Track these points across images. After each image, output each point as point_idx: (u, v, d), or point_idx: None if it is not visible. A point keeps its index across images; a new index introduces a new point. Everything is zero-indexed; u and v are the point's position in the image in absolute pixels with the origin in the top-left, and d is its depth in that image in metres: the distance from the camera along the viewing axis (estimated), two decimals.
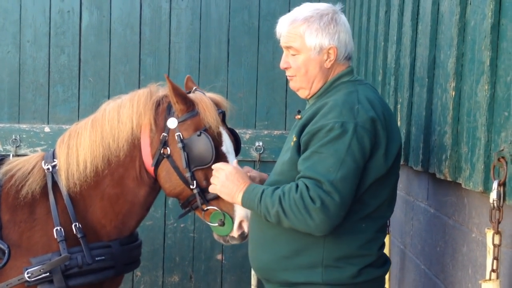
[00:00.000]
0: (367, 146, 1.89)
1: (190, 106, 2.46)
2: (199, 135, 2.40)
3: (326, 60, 2.04)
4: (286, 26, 2.06)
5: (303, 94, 2.12)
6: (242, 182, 2.03)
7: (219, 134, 2.49)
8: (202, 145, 2.40)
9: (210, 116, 2.45)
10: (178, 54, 4.54)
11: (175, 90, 2.43)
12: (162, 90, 2.58)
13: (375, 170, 1.94)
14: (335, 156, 1.86)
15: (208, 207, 2.46)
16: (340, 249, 1.96)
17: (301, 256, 1.98)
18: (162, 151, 2.45)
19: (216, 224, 2.46)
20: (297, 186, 1.88)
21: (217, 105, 2.55)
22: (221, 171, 2.08)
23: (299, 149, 1.98)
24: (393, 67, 2.93)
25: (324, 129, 1.89)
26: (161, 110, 2.50)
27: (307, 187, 1.85)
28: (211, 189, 2.12)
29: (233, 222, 2.45)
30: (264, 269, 2.07)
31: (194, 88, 2.60)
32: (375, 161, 1.93)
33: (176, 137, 2.43)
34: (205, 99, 2.50)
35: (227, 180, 2.05)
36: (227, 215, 2.45)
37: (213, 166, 2.14)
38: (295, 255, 1.98)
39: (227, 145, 2.50)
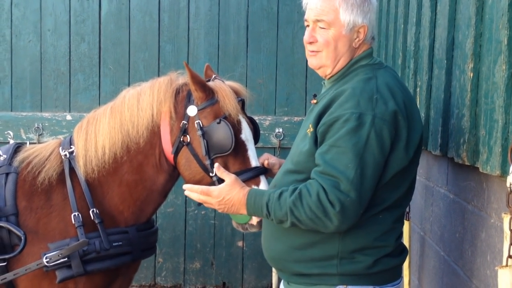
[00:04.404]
0: (386, 139, 1.81)
1: (209, 94, 2.45)
2: (218, 123, 2.39)
3: (356, 39, 1.97)
4: None
5: (324, 72, 2.02)
6: (238, 196, 1.96)
7: (239, 122, 2.47)
8: (221, 132, 2.39)
9: (229, 104, 2.44)
10: (197, 41, 4.52)
11: (194, 78, 2.42)
12: (182, 78, 2.58)
13: (396, 164, 1.87)
14: (354, 150, 1.79)
15: None
16: (356, 242, 1.90)
17: (315, 248, 1.93)
18: (182, 139, 2.44)
19: None
20: (309, 189, 1.82)
21: (236, 93, 2.53)
22: (211, 197, 2.01)
23: (316, 140, 1.91)
24: (412, 49, 2.86)
25: (341, 119, 1.82)
26: (181, 98, 2.49)
27: (324, 190, 1.79)
28: (209, 206, 2.08)
29: None
30: (276, 259, 2.03)
31: (213, 76, 2.58)
32: (396, 154, 1.85)
33: (195, 125, 2.42)
34: (224, 87, 2.48)
35: (221, 201, 1.99)
36: None
37: (199, 191, 2.04)
38: (308, 247, 1.93)
39: (246, 133, 2.48)
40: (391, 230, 1.95)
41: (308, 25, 2.01)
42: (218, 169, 2.08)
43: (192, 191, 2.06)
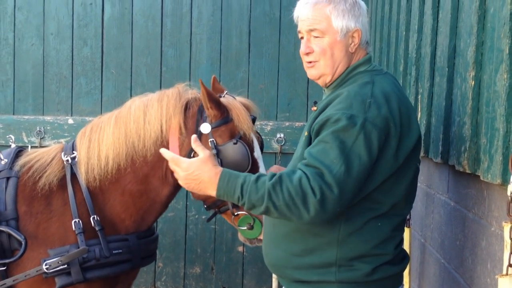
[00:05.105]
0: (374, 144, 1.80)
1: (224, 112, 2.43)
2: (235, 143, 2.37)
3: (351, 43, 1.97)
4: (310, 8, 1.96)
5: (323, 81, 2.02)
6: (209, 174, 1.84)
7: (252, 141, 2.47)
8: (238, 153, 2.37)
9: (244, 123, 2.43)
10: (199, 46, 4.53)
11: (210, 95, 2.40)
12: (191, 91, 2.56)
13: (383, 170, 1.86)
14: (340, 148, 1.77)
15: (239, 212, 2.44)
16: (355, 249, 1.89)
17: (314, 255, 1.92)
18: (192, 155, 2.42)
19: (245, 228, 2.44)
20: (290, 176, 1.78)
21: (247, 110, 2.53)
22: (179, 167, 1.89)
23: (309, 143, 1.91)
24: (414, 56, 2.87)
25: (332, 118, 1.82)
26: (192, 113, 2.48)
27: (307, 176, 1.76)
28: (176, 176, 1.95)
29: (262, 226, 2.42)
30: (276, 265, 2.03)
31: (225, 93, 2.57)
32: (384, 161, 1.85)
33: (209, 143, 2.40)
34: (238, 105, 2.47)
35: (189, 175, 1.87)
36: (256, 219, 2.44)
37: (168, 158, 1.93)
38: (307, 254, 1.92)
39: (258, 151, 2.48)
40: (390, 238, 1.94)
41: (302, 37, 2.02)
42: (194, 141, 1.95)
43: (163, 153, 1.99)
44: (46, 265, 2.32)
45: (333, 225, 1.87)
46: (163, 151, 2.02)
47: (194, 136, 1.98)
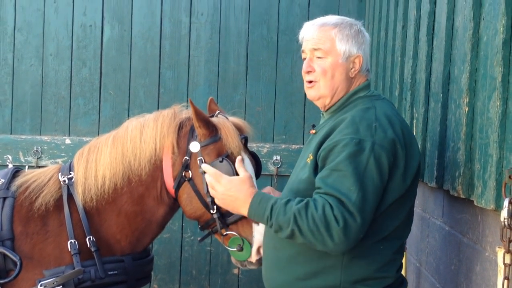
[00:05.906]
0: (385, 166, 1.84)
1: (212, 131, 2.46)
2: (221, 161, 2.39)
3: (352, 68, 2.02)
4: (315, 29, 2.03)
5: (322, 103, 2.06)
6: (245, 193, 1.94)
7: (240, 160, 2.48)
8: (223, 171, 2.38)
9: (232, 142, 2.45)
10: (197, 68, 4.57)
11: (198, 114, 2.43)
12: (185, 112, 2.59)
13: (394, 192, 1.89)
14: (354, 175, 1.81)
15: (227, 232, 2.45)
16: (358, 272, 1.91)
17: (318, 278, 1.93)
18: (183, 174, 2.45)
19: (235, 249, 2.44)
20: (315, 202, 1.83)
21: (239, 130, 2.54)
22: (219, 183, 1.99)
23: (316, 168, 1.94)
24: (409, 82, 2.90)
25: (340, 144, 1.85)
26: (184, 133, 2.50)
27: (330, 205, 1.80)
28: (211, 193, 2.06)
29: (251, 248, 2.43)
30: None
31: (217, 112, 2.59)
32: (394, 182, 1.88)
33: (198, 161, 2.43)
34: (227, 125, 2.49)
35: (227, 191, 1.97)
36: (245, 240, 2.43)
37: (210, 173, 2.03)
38: (311, 277, 1.93)
39: (248, 170, 2.48)
40: (391, 261, 1.97)
41: (305, 58, 2.07)
42: (238, 162, 2.09)
43: (206, 170, 2.08)
44: (41, 285, 2.32)
45: None
46: (204, 166, 2.14)
47: (239, 158, 2.12)
